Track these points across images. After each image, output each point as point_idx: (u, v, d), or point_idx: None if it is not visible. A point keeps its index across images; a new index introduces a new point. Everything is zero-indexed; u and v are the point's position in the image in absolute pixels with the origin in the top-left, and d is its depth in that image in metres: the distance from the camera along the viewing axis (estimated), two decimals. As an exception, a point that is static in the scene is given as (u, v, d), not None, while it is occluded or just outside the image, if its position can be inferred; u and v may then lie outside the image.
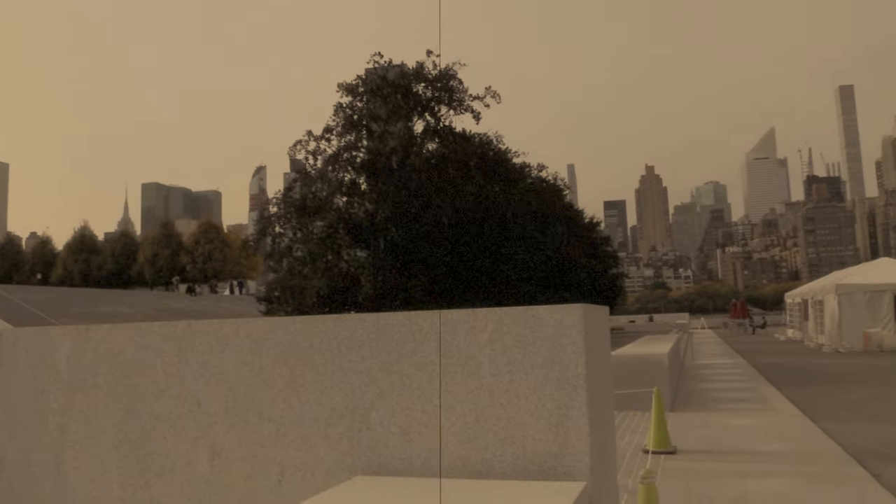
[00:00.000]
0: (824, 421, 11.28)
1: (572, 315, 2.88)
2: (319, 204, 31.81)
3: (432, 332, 3.09)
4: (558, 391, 2.88)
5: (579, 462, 2.84)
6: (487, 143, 34.21)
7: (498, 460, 2.96)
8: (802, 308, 39.04)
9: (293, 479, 3.30)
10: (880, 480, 7.35)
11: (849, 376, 19.08)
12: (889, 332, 29.03)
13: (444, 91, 33.41)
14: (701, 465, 8.14)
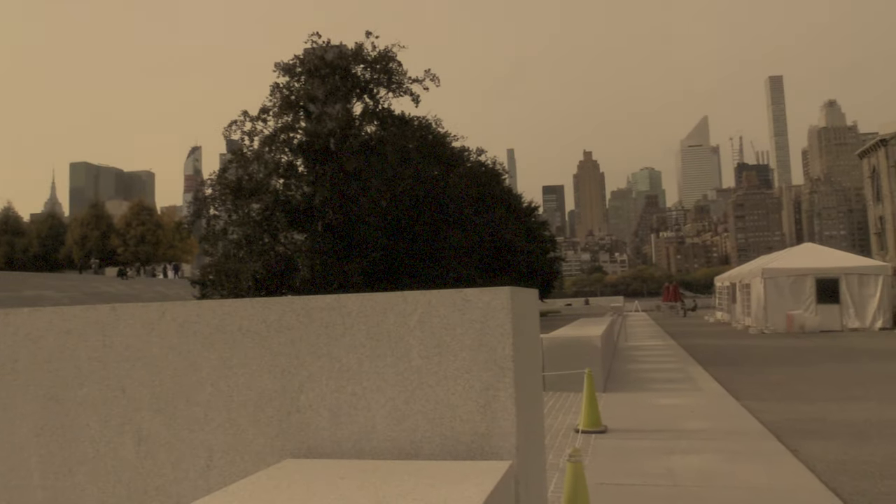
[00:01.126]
0: (747, 400, 11.75)
1: (500, 298, 2.92)
2: (255, 186, 31.24)
3: (361, 314, 3.09)
4: (486, 372, 2.92)
5: (506, 442, 2.89)
6: (426, 127, 34.11)
7: (427, 441, 2.99)
8: (731, 291, 40.41)
9: (221, 463, 3.27)
10: (797, 455, 7.72)
11: (772, 357, 19.88)
12: (811, 314, 30.32)
13: (384, 73, 33.12)
14: (629, 444, 8.38)
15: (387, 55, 33.28)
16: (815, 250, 36.18)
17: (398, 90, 33.36)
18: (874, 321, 29.97)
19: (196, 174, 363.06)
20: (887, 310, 30.31)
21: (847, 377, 14.65)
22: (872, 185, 59.59)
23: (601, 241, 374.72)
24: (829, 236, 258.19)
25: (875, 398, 11.70)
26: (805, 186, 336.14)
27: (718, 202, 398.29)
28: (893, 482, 6.58)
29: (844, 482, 6.61)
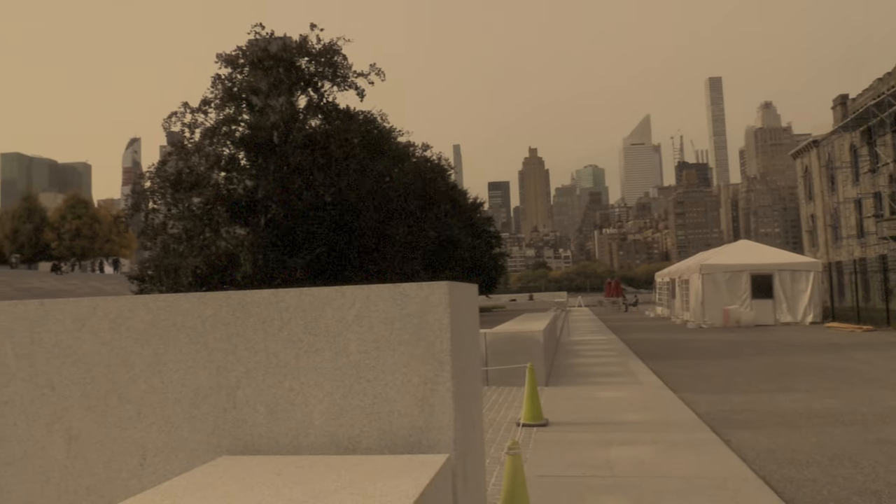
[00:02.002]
0: (684, 392, 12.06)
1: (438, 292, 2.94)
2: (196, 179, 30.58)
3: (299, 309, 3.07)
4: (424, 367, 2.94)
5: (443, 435, 2.92)
6: (371, 121, 33.93)
7: (365, 436, 2.99)
8: (670, 287, 41.38)
9: (155, 461, 3.21)
10: (730, 445, 7.97)
11: (708, 350, 20.45)
12: (746, 308, 31.28)
13: (328, 66, 32.79)
14: (569, 436, 8.52)
15: (332, 48, 32.96)
16: (750, 247, 37.31)
17: (343, 84, 33.09)
18: (805, 316, 31.09)
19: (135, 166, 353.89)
20: (817, 305, 31.48)
21: (778, 369, 15.17)
22: (805, 185, 61.72)
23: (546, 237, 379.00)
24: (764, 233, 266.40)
25: (804, 389, 12.14)
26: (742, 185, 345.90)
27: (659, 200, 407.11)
28: (818, 469, 6.86)
29: (773, 470, 6.85)
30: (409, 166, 37.01)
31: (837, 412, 9.90)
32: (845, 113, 52.10)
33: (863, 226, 48.95)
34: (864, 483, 6.34)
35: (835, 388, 12.14)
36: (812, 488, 6.23)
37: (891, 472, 6.68)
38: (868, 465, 6.96)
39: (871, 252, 44.75)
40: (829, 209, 55.42)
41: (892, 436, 8.22)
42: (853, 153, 50.51)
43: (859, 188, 49.14)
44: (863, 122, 46.77)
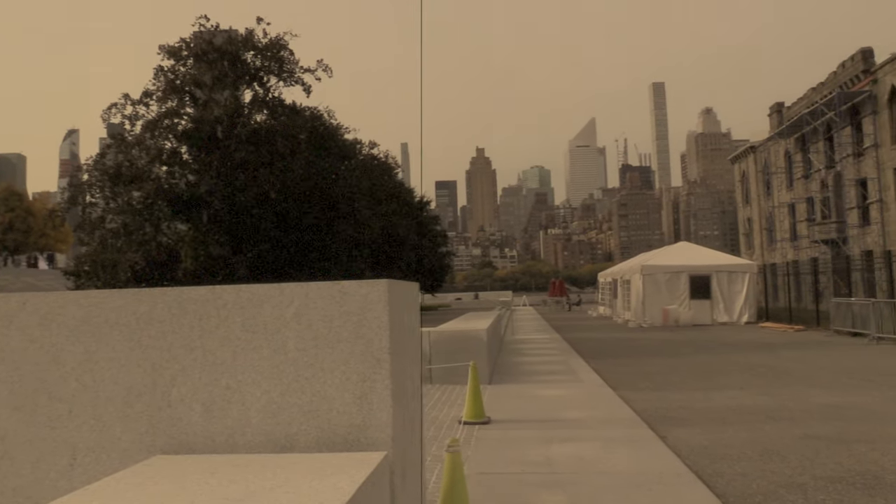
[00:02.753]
0: (623, 390, 12.31)
1: (378, 290, 2.95)
2: (136, 172, 29.82)
3: (237, 306, 3.04)
4: (363, 364, 2.94)
5: (382, 433, 2.92)
6: (318, 118, 33.59)
7: (303, 434, 2.98)
8: (613, 287, 42.12)
9: (86, 461, 3.13)
10: (665, 441, 8.17)
11: (648, 349, 20.90)
12: (684, 308, 32.06)
13: (274, 61, 32.35)
14: (511, 434, 8.61)
15: (278, 43, 32.53)
16: (689, 249, 38.25)
17: (289, 79, 32.69)
18: (741, 315, 32.03)
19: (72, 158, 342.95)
20: (752, 305, 32.47)
21: (714, 368, 15.60)
22: (742, 189, 63.57)
23: (492, 237, 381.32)
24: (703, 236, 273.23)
25: (737, 387, 12.52)
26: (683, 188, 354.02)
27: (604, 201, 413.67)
28: (748, 464, 7.09)
29: (706, 465, 7.06)
30: (356, 164, 36.81)
31: (768, 409, 10.24)
32: (781, 120, 53.86)
33: (796, 229, 50.67)
34: (791, 476, 6.58)
35: (766, 386, 12.55)
36: (742, 482, 6.44)
37: (816, 465, 6.95)
38: (795, 459, 7.23)
39: (803, 255, 46.37)
40: (765, 213, 57.21)
41: (819, 431, 8.54)
42: (788, 159, 52.23)
43: (793, 193, 50.85)
44: (797, 130, 48.40)
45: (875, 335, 20.78)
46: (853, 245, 41.86)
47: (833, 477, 6.53)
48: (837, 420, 9.25)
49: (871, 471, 6.70)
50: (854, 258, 38.41)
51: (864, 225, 41.39)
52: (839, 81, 43.80)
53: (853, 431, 8.50)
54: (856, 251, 40.96)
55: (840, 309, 24.39)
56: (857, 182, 41.98)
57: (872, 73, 40.15)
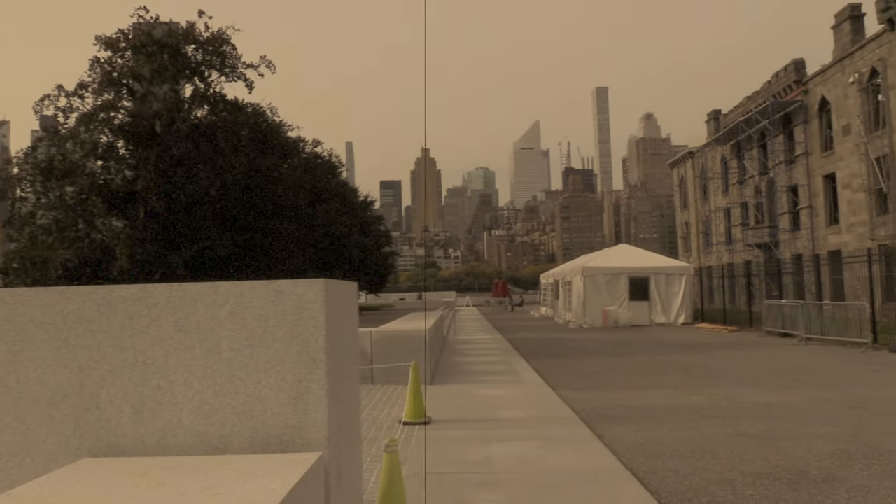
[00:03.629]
0: (563, 389, 12.49)
1: (314, 289, 2.92)
2: (70, 167, 28.87)
3: (169, 305, 2.97)
4: (298, 364, 2.91)
5: (317, 433, 2.90)
6: (261, 114, 33.11)
7: (236, 435, 2.93)
8: (554, 288, 42.67)
9: (9, 466, 3.02)
10: (602, 440, 8.33)
11: (587, 349, 21.24)
12: (624, 310, 32.68)
13: (216, 55, 31.76)
14: (451, 434, 8.64)
15: (220, 37, 31.95)
16: (629, 251, 39.02)
17: (231, 74, 32.14)
18: (678, 317, 32.83)
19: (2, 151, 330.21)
20: (689, 306, 33.31)
21: (650, 368, 15.95)
22: (680, 193, 65.17)
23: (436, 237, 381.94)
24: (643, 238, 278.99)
25: (672, 386, 12.83)
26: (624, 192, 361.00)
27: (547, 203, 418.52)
28: (681, 461, 7.28)
29: (640, 462, 7.21)
30: (299, 162, 36.43)
31: (701, 407, 10.53)
32: (718, 127, 55.42)
33: (731, 233, 52.18)
34: (721, 473, 6.78)
35: (700, 385, 12.90)
36: (675, 479, 6.61)
37: (745, 462, 7.17)
38: (726, 456, 7.45)
39: (738, 258, 47.79)
40: (702, 217, 58.77)
41: (749, 429, 8.82)
42: (724, 165, 53.77)
43: (729, 198, 52.36)
44: (733, 137, 49.87)
45: (804, 336, 21.56)
46: (784, 249, 43.35)
47: (761, 473, 6.75)
48: (766, 418, 9.56)
49: (797, 466, 6.95)
50: (785, 262, 39.78)
51: (795, 230, 42.91)
52: (773, 91, 45.31)
53: (781, 429, 8.80)
54: (787, 255, 42.43)
55: (771, 311, 25.22)
56: (789, 188, 43.49)
57: (804, 83, 41.66)
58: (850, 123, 36.41)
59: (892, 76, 32.93)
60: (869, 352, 18.29)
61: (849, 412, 9.90)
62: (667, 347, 21.23)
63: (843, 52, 37.23)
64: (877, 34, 34.06)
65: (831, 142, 38.86)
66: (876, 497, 5.92)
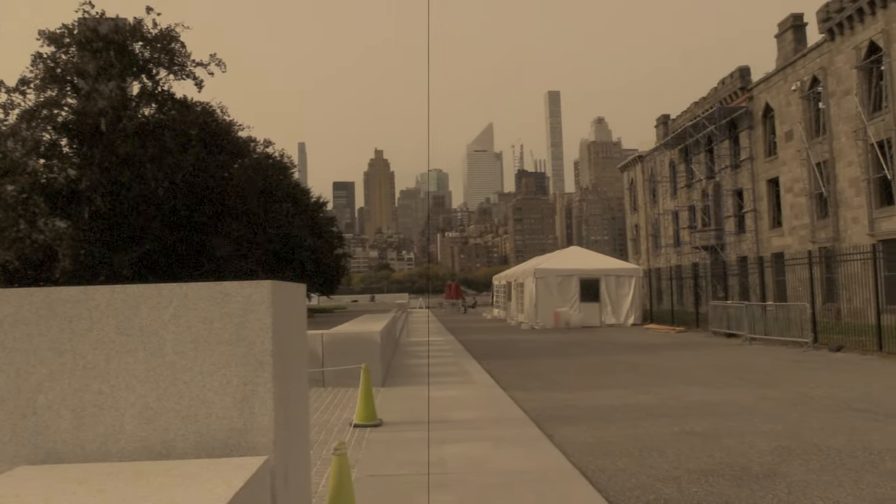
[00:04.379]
0: (514, 390, 12.57)
1: (261, 292, 2.89)
2: (10, 165, 27.96)
3: (111, 308, 2.91)
4: (244, 367, 2.88)
5: (263, 437, 2.87)
6: (210, 113, 32.56)
7: (180, 440, 2.89)
8: (507, 290, 42.94)
9: (-59, 474, 2.91)
10: (552, 439, 8.41)
11: (539, 350, 21.43)
12: (575, 311, 33.06)
13: (165, 53, 31.14)
14: (402, 435, 8.63)
15: (169, 34, 31.33)
16: (580, 253, 39.51)
17: (180, 72, 31.55)
18: (627, 317, 33.36)
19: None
20: (638, 307, 33.88)
21: (600, 368, 16.18)
22: (630, 197, 66.25)
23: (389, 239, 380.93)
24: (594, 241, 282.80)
25: (621, 386, 13.04)
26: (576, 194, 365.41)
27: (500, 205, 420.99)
28: (629, 459, 7.40)
29: (589, 461, 7.31)
30: (250, 162, 35.93)
31: (649, 406, 10.72)
32: (666, 132, 56.54)
33: (679, 236, 53.26)
34: (668, 471, 6.91)
35: (648, 385, 13.13)
36: (622, 477, 6.71)
37: (691, 459, 7.33)
38: (672, 454, 7.60)
39: (685, 260, 48.78)
40: (651, 219, 59.85)
41: (695, 427, 9.01)
42: (672, 169, 54.86)
43: (677, 201, 53.44)
44: (681, 141, 50.90)
45: (748, 336, 22.13)
46: (730, 251, 44.42)
47: (705, 470, 6.90)
48: (712, 416, 9.78)
49: (740, 463, 7.13)
50: (731, 263, 40.75)
51: (740, 232, 44.00)
52: (719, 97, 46.40)
53: (725, 426, 9.01)
54: (732, 257, 43.49)
55: (717, 311, 25.82)
56: (734, 192, 44.59)
57: (749, 90, 42.78)
58: (793, 130, 37.51)
59: (832, 84, 34.03)
60: (810, 351, 18.85)
61: (790, 409, 10.19)
62: (616, 348, 21.56)
63: (785, 61, 38.34)
64: (818, 44, 35.17)
65: (775, 147, 39.98)
66: (815, 491, 6.10)
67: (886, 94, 30.11)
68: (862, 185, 31.76)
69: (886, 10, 29.71)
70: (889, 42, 29.61)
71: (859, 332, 19.21)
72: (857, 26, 31.79)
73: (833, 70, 33.92)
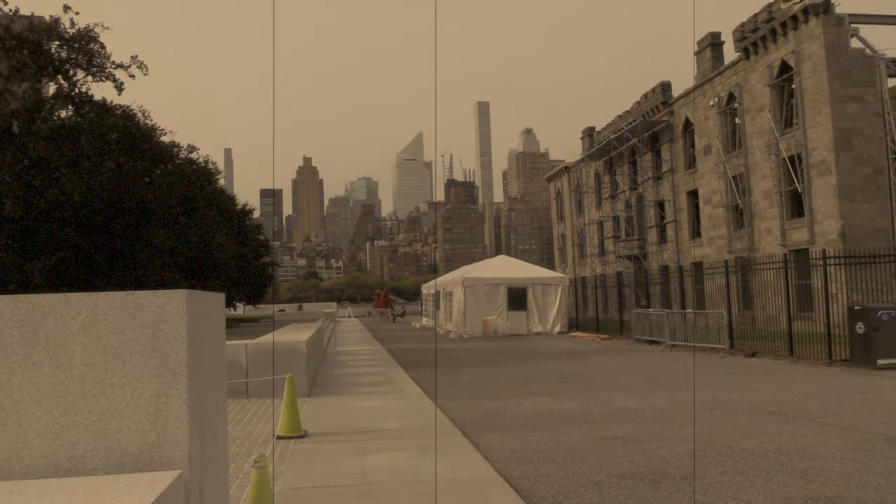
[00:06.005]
0: (441, 399, 12.59)
1: (175, 301, 2.82)
2: (-89, 168, 26.45)
3: (15, 318, 2.78)
4: (157, 379, 2.80)
5: (178, 451, 2.80)
6: (131, 117, 31.53)
7: (89, 455, 2.78)
8: (436, 298, 43.03)
9: None
10: (478, 447, 8.46)
11: (466, 359, 21.54)
12: (503, 319, 33.39)
13: (83, 53, 30.02)
14: (327, 446, 8.53)
15: (87, 34, 30.22)
16: (508, 262, 39.93)
17: (99, 74, 30.45)
18: (554, 326, 33.90)
19: None
20: (565, 315, 34.47)
21: (527, 376, 16.38)
22: (557, 206, 67.48)
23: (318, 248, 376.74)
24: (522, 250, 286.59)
25: (547, 393, 13.23)
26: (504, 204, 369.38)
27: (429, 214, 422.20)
28: (552, 465, 7.50)
29: (514, 468, 7.38)
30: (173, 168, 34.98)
31: (573, 413, 10.91)
32: (592, 143, 57.91)
33: (604, 245, 54.52)
34: (590, 475, 7.05)
35: (573, 392, 13.36)
36: (546, 483, 6.80)
37: (612, 464, 7.49)
38: (594, 459, 7.75)
39: (610, 269, 49.96)
40: (577, 229, 61.07)
41: (616, 432, 9.22)
42: (597, 180, 56.17)
43: (601, 211, 54.72)
44: (606, 153, 52.22)
45: (669, 343, 22.80)
46: (652, 260, 45.74)
47: (626, 474, 7.06)
48: (633, 421, 10.03)
49: (658, 466, 7.33)
50: (653, 273, 41.97)
51: (662, 242, 45.37)
52: (642, 111, 47.83)
53: (645, 431, 9.25)
54: (654, 266, 44.79)
55: (640, 319, 26.51)
56: (656, 203, 45.98)
57: (670, 105, 44.25)
58: (711, 143, 38.96)
59: (747, 101, 35.53)
60: (727, 357, 19.56)
61: (706, 413, 10.54)
62: (543, 356, 21.86)
63: (704, 78, 39.83)
64: (734, 62, 36.68)
65: (694, 160, 41.43)
66: (728, 492, 6.33)
67: (797, 111, 31.63)
68: (775, 198, 33.23)
69: (797, 32, 31.25)
70: (799, 62, 31.14)
71: (772, 338, 20.05)
72: (770, 46, 33.32)
73: (748, 87, 35.43)
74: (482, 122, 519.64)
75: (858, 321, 16.15)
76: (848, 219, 28.94)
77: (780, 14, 32.02)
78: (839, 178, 29.08)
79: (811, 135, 30.53)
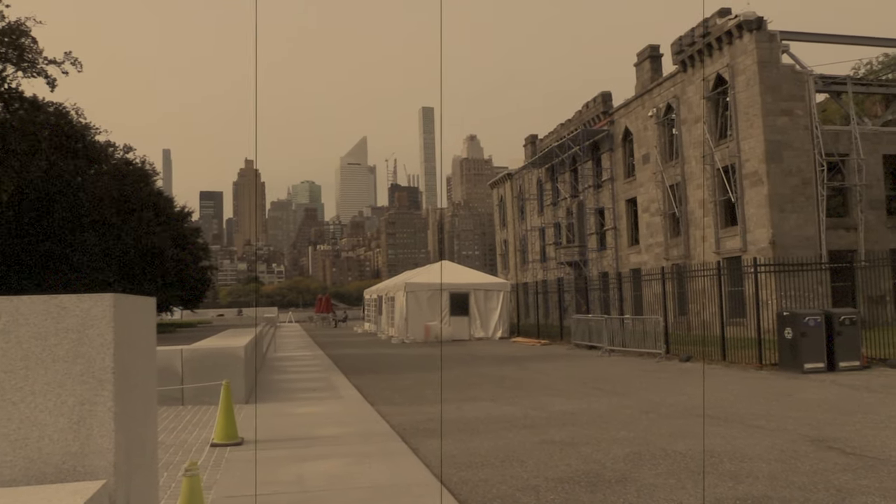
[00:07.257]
0: (381, 405, 12.54)
1: (101, 305, 2.74)
2: None
3: (-72, 323, 2.66)
4: (82, 386, 2.71)
5: (102, 460, 2.71)
6: (64, 115, 30.53)
7: (7, 466, 2.68)
8: (378, 303, 42.84)
9: None
10: (417, 453, 8.45)
11: (408, 364, 21.51)
12: (445, 325, 33.44)
13: (13, 48, 28.96)
14: (263, 454, 8.39)
15: (18, 28, 29.16)
16: (450, 267, 40.04)
17: (30, 70, 29.41)
18: (496, 331, 34.13)
19: None
20: (506, 321, 34.75)
21: (468, 381, 16.43)
22: (500, 213, 68.02)
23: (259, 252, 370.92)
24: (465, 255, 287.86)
25: (487, 398, 13.30)
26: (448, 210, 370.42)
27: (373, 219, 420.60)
28: (491, 470, 7.54)
29: (453, 473, 7.39)
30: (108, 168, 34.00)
31: (513, 417, 10.99)
32: (534, 151, 58.55)
33: (545, 252, 55.16)
34: (528, 480, 7.11)
35: (513, 396, 13.47)
36: (484, 488, 6.83)
37: (550, 468, 7.57)
38: (532, 463, 7.82)
39: (551, 275, 50.58)
40: (519, 235, 61.65)
41: (555, 436, 9.33)
42: (539, 187, 56.83)
43: (543, 218, 55.38)
44: (548, 161, 52.89)
45: (607, 348, 23.20)
46: (592, 267, 46.48)
47: (563, 477, 7.15)
48: (571, 425, 10.16)
49: (594, 470, 7.44)
50: (592, 279, 42.64)
51: (602, 249, 46.15)
52: (584, 119, 48.63)
53: (582, 435, 9.39)
54: (594, 272, 45.52)
55: (579, 324, 26.91)
56: (597, 210, 46.77)
57: (610, 114, 45.11)
58: (649, 153, 39.86)
59: (684, 112, 36.49)
60: (663, 361, 20.00)
61: (642, 417, 10.76)
62: (484, 361, 21.98)
63: (643, 88, 40.75)
64: (672, 74, 37.63)
65: (633, 169, 42.31)
66: (661, 494, 6.46)
67: (731, 123, 32.64)
68: (709, 207, 34.18)
69: (732, 47, 32.26)
70: (734, 75, 32.14)
71: (706, 343, 20.59)
72: (706, 59, 34.30)
73: (685, 99, 36.39)
74: (426, 127, 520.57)
75: (787, 327, 16.72)
76: (778, 228, 29.96)
77: (716, 29, 33.01)
78: (770, 188, 30.10)
79: (744, 146, 31.53)
